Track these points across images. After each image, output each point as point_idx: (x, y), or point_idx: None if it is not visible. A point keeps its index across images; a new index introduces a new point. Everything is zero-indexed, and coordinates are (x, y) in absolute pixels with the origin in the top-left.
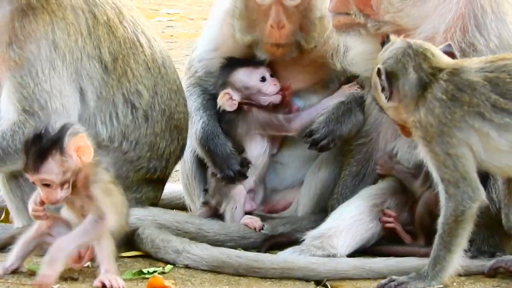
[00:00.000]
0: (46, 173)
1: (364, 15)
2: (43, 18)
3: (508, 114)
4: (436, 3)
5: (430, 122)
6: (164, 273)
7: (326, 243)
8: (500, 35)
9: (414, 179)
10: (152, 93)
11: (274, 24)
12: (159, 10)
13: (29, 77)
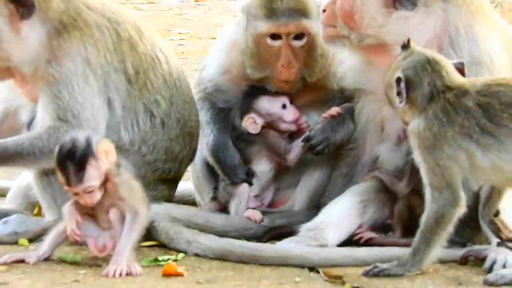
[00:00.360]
0: (89, 180)
1: (348, 28)
2: (75, 36)
3: (492, 137)
4: (416, 23)
5: (427, 136)
6: (176, 261)
7: (319, 234)
8: (471, 53)
9: (398, 182)
10: (168, 103)
11: (285, 65)
12: (171, 30)
13: (66, 90)
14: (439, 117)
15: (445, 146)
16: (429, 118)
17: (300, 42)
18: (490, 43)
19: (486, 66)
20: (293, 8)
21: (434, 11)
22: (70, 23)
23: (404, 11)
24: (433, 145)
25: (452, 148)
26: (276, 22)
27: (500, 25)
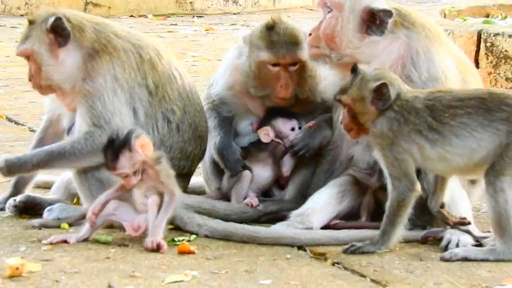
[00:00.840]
0: (121, 168)
1: (330, 48)
2: (105, 59)
3: (437, 133)
4: (384, 46)
5: (387, 134)
6: (189, 241)
7: (306, 219)
8: (429, 70)
9: (370, 177)
10: (182, 111)
11: (283, 85)
12: (186, 53)
13: (99, 102)
14: (397, 119)
15: (402, 141)
16: (387, 119)
17: (294, 67)
18: (444, 62)
19: (441, 81)
20: (288, 42)
21: (399, 37)
22: (101, 49)
23: (374, 37)
24: (392, 142)
25: (407, 143)
26: (276, 54)
27: (452, 48)
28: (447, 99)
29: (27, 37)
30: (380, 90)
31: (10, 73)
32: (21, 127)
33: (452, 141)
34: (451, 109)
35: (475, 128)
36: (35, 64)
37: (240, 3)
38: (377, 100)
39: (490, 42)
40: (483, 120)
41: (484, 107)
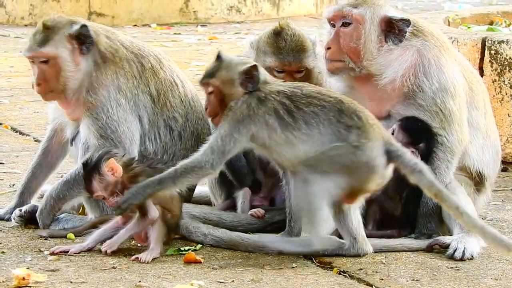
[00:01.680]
0: (95, 192)
1: (353, 61)
2: (110, 69)
3: (291, 116)
4: (397, 55)
5: (241, 110)
6: (195, 250)
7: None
8: (439, 80)
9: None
10: (184, 119)
11: None
12: (190, 62)
13: (102, 113)
14: (259, 96)
15: (251, 123)
16: (251, 97)
17: (300, 74)
18: (453, 72)
19: (450, 92)
20: (295, 49)
21: (411, 45)
22: (109, 58)
23: (391, 45)
24: (241, 119)
25: (256, 126)
26: (282, 61)
27: (457, 56)
28: (309, 89)
29: (46, 41)
30: (250, 72)
31: (14, 84)
32: (26, 137)
33: (301, 126)
34: (309, 98)
35: (323, 121)
36: (53, 69)
37: (244, 12)
38: (246, 82)
39: (494, 50)
40: (332, 117)
41: (338, 107)
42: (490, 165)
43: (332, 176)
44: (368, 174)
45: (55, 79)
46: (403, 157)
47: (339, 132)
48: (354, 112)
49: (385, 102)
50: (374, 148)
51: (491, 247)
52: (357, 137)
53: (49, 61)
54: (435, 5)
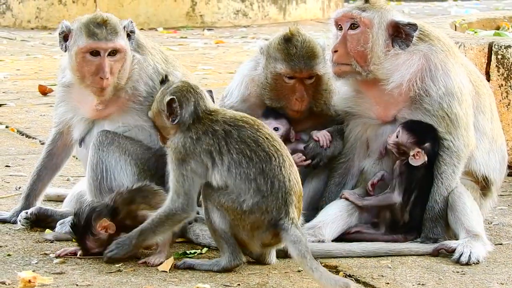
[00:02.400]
0: (91, 250)
1: (360, 65)
2: (147, 59)
3: (226, 159)
4: (404, 59)
5: (180, 150)
6: (201, 254)
7: (317, 232)
8: (446, 86)
9: (391, 194)
10: None
11: (299, 98)
12: (197, 66)
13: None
14: (191, 136)
15: (192, 161)
16: (185, 136)
17: (310, 80)
18: (460, 77)
19: (457, 97)
20: (306, 56)
21: (418, 50)
22: (145, 48)
23: (397, 49)
24: (183, 158)
25: (196, 164)
26: (293, 67)
27: (464, 61)
28: (247, 133)
29: (116, 34)
30: (171, 105)
31: (21, 87)
32: (32, 140)
33: (223, 170)
34: (242, 144)
35: (241, 174)
36: (119, 62)
37: (250, 16)
38: (170, 115)
39: (501, 55)
40: (251, 174)
41: (263, 166)
42: (496, 169)
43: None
44: (246, 234)
45: (119, 73)
46: (289, 230)
47: (247, 191)
48: (272, 178)
49: (391, 107)
50: (259, 221)
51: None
52: (253, 204)
53: (119, 53)
54: (442, 10)
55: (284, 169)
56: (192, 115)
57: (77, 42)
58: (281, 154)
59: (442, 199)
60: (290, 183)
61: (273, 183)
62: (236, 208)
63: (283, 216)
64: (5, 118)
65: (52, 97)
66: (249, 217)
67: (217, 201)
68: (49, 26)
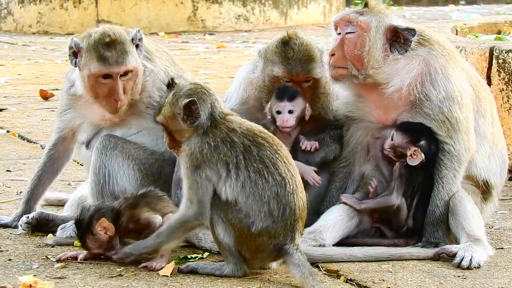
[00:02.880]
0: (90, 249)
1: (357, 69)
2: (155, 64)
3: (236, 173)
4: (404, 64)
5: (196, 156)
6: (203, 258)
7: (318, 236)
8: (446, 90)
9: (390, 196)
10: None
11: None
12: (198, 71)
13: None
14: (210, 143)
15: (207, 168)
16: (202, 141)
17: (307, 84)
18: (460, 81)
19: (457, 101)
20: (303, 59)
21: (417, 54)
22: (152, 52)
23: (396, 54)
24: (199, 164)
25: (212, 171)
26: (289, 70)
27: (464, 65)
28: (266, 152)
29: (126, 54)
30: (189, 107)
31: (22, 91)
32: (34, 145)
33: (237, 186)
34: (260, 164)
35: (255, 195)
36: (132, 80)
37: (252, 21)
38: (188, 118)
39: (502, 59)
40: (266, 197)
41: (277, 191)
42: (497, 174)
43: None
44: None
45: (132, 91)
46: (293, 254)
47: (257, 213)
48: (284, 204)
49: (391, 111)
50: (265, 245)
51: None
52: (261, 228)
53: (132, 73)
54: (443, 15)
55: (297, 196)
56: (209, 117)
57: (88, 65)
58: (295, 181)
59: (443, 204)
60: (300, 210)
61: (285, 209)
62: (243, 228)
63: (289, 242)
64: (6, 123)
65: (54, 102)
66: (256, 239)
67: (224, 214)
68: (50, 31)
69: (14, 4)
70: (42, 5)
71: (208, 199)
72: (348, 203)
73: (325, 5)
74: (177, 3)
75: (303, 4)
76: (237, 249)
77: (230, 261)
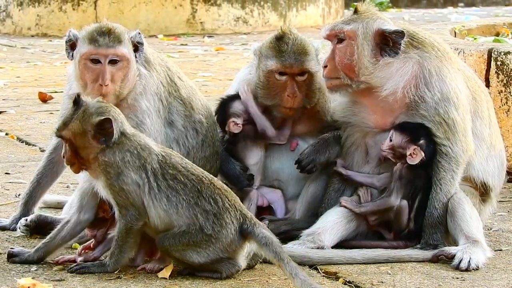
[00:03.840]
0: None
1: (349, 78)
2: (152, 76)
3: (156, 183)
4: (397, 67)
5: (117, 164)
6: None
7: (317, 238)
8: (441, 91)
9: (388, 198)
10: (206, 122)
11: (290, 95)
12: (197, 73)
13: (148, 118)
14: (131, 150)
15: (132, 172)
16: (121, 150)
17: (302, 77)
18: (456, 82)
19: (453, 102)
20: (296, 52)
21: (411, 57)
22: (149, 65)
23: (388, 58)
24: (121, 171)
25: (137, 175)
26: (283, 63)
27: (461, 66)
28: (176, 160)
29: (119, 42)
30: (103, 125)
31: (21, 94)
32: (32, 147)
33: (162, 199)
34: (175, 170)
35: (182, 201)
36: (121, 71)
37: (251, 23)
38: (99, 135)
39: (500, 61)
40: (191, 199)
41: (198, 188)
42: (495, 175)
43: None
44: (224, 252)
45: (121, 81)
46: (255, 231)
47: (196, 217)
48: (212, 195)
49: (388, 114)
50: (228, 235)
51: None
52: (212, 225)
53: (121, 61)
54: (442, 17)
55: (216, 182)
56: (121, 136)
57: (80, 50)
58: (206, 173)
59: (441, 206)
60: (227, 191)
61: (215, 199)
62: (201, 238)
63: (243, 221)
64: (5, 125)
65: (52, 104)
66: (218, 238)
67: (179, 243)
68: (49, 33)
69: (13, 6)
70: (41, 8)
71: (139, 200)
72: (347, 207)
73: (324, 7)
74: (176, 5)
75: (302, 7)
76: (216, 256)
77: (221, 269)
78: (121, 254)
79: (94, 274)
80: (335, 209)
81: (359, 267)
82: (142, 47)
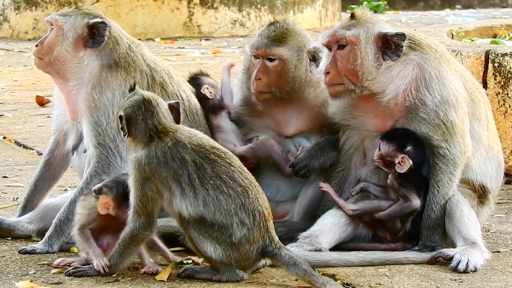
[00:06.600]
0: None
1: (353, 83)
2: (121, 74)
3: (193, 192)
4: (398, 70)
5: (144, 169)
6: (198, 263)
7: (314, 240)
8: (441, 93)
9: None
10: None
11: (255, 77)
12: None
13: (103, 117)
14: (158, 157)
15: (158, 182)
16: (150, 154)
17: (271, 63)
18: (455, 84)
19: (452, 104)
20: (272, 37)
21: (410, 59)
22: (122, 65)
23: (389, 62)
24: (148, 177)
25: (162, 186)
26: (254, 44)
27: (458, 67)
28: (221, 169)
29: (64, 14)
30: (121, 120)
31: (18, 97)
32: (30, 151)
33: (199, 204)
34: (218, 180)
35: (222, 210)
36: (55, 36)
37: (247, 26)
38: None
39: (498, 63)
40: (232, 209)
41: (242, 201)
42: (493, 177)
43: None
44: (237, 263)
45: (52, 46)
46: (280, 254)
47: (232, 225)
48: (253, 210)
49: (388, 118)
50: (249, 251)
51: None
52: (241, 237)
53: (53, 25)
54: (439, 19)
55: (260, 199)
56: (144, 132)
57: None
58: (254, 186)
59: (439, 207)
60: (267, 210)
61: (255, 215)
62: (226, 239)
63: (269, 243)
64: (2, 129)
65: (50, 108)
66: (239, 248)
67: (204, 231)
68: None
69: (10, 10)
70: (38, 12)
71: (157, 212)
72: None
73: (321, 10)
74: (172, 8)
75: (299, 9)
76: (228, 262)
77: (224, 271)
78: (121, 258)
79: (92, 277)
80: (332, 212)
81: (357, 269)
82: (100, 38)
